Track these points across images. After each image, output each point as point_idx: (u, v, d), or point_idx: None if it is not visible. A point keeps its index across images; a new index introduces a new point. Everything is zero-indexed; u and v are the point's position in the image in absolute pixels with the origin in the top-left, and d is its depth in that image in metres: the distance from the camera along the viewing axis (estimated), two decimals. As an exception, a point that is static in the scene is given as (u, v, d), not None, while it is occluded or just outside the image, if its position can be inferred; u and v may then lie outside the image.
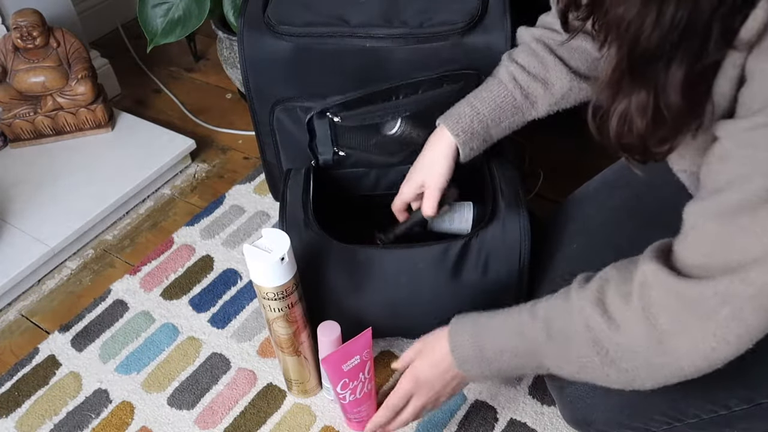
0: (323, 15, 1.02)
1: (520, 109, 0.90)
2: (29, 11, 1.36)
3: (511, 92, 0.88)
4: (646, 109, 0.56)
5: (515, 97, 0.89)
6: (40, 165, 1.40)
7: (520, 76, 0.88)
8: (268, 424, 0.99)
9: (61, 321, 1.16)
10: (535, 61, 0.88)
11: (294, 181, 1.00)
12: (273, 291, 0.83)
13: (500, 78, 0.90)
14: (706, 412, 0.73)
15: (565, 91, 0.88)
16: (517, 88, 0.88)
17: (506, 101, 0.89)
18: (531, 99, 0.89)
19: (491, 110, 0.89)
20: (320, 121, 0.99)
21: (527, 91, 0.88)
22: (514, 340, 0.71)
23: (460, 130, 0.89)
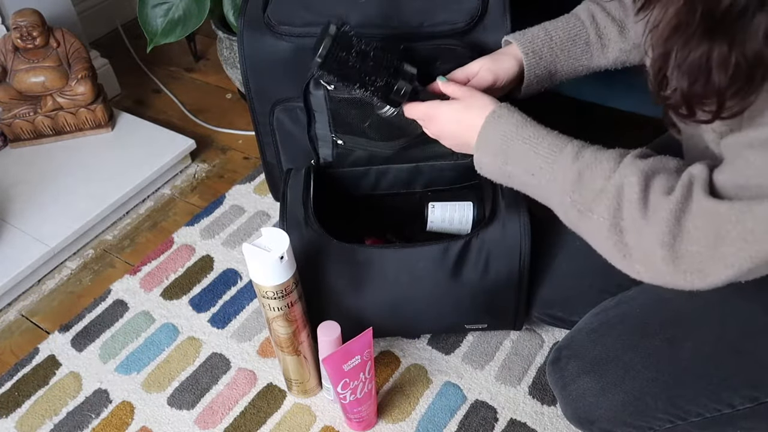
0: (323, 15, 1.02)
1: (590, 49, 0.88)
2: (29, 11, 1.36)
3: (587, 29, 0.87)
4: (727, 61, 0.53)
5: (589, 33, 0.87)
6: (40, 165, 1.40)
7: (599, 15, 0.87)
8: (268, 424, 0.99)
9: (61, 321, 1.16)
10: (618, 4, 0.86)
11: (294, 181, 1.00)
12: (272, 290, 0.83)
13: (578, 14, 0.88)
14: (709, 410, 0.73)
15: (639, 40, 0.85)
16: (593, 25, 0.86)
17: (580, 36, 0.87)
18: (604, 40, 0.87)
19: (563, 41, 0.87)
20: (316, 94, 0.99)
21: (602, 32, 0.86)
22: (542, 160, 0.70)
23: (530, 49, 0.87)
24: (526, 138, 0.72)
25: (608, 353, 0.79)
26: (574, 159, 0.68)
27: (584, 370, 0.79)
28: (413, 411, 0.99)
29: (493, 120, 0.74)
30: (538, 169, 0.70)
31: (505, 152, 0.73)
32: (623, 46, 0.87)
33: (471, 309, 0.98)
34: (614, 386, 0.77)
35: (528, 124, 0.73)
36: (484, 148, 0.75)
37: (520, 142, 0.72)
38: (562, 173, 0.68)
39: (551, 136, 0.72)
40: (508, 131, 0.73)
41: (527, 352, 1.04)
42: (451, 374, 1.03)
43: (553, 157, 0.69)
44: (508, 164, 0.73)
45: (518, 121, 0.73)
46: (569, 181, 0.67)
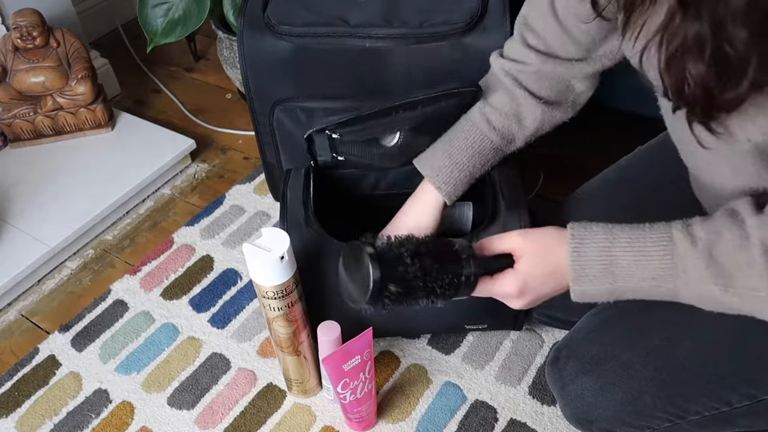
0: (323, 15, 1.02)
1: (499, 149, 0.90)
2: (29, 11, 1.36)
3: (488, 136, 0.88)
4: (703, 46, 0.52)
5: (492, 139, 0.88)
6: (40, 165, 1.40)
7: (493, 117, 0.87)
8: (268, 424, 0.99)
9: (61, 321, 1.16)
10: (506, 97, 0.87)
11: (294, 181, 1.00)
12: (273, 290, 0.83)
13: (474, 122, 0.89)
14: (708, 409, 0.73)
15: (538, 124, 0.88)
16: (492, 130, 0.88)
17: (484, 146, 0.89)
18: (507, 138, 0.89)
19: (470, 158, 0.89)
20: (319, 137, 0.99)
21: (503, 132, 0.88)
22: (659, 261, 0.63)
23: (442, 182, 0.90)
24: (626, 247, 0.64)
25: (607, 353, 0.79)
26: (693, 243, 0.61)
27: (583, 370, 0.79)
28: (413, 411, 0.99)
29: (579, 245, 0.66)
30: (658, 273, 0.63)
31: (611, 272, 0.65)
32: (527, 132, 0.89)
33: (471, 309, 0.98)
34: (613, 386, 0.77)
35: (615, 229, 0.65)
36: (584, 278, 0.66)
37: (622, 254, 0.64)
38: (691, 264, 0.61)
39: (647, 230, 0.64)
40: (603, 248, 0.65)
41: (527, 352, 1.04)
42: (451, 374, 1.03)
43: (668, 251, 0.62)
44: (618, 281, 0.65)
45: (604, 232, 0.65)
46: (704, 269, 0.61)
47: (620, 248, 0.64)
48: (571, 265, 0.65)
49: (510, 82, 0.86)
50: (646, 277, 0.64)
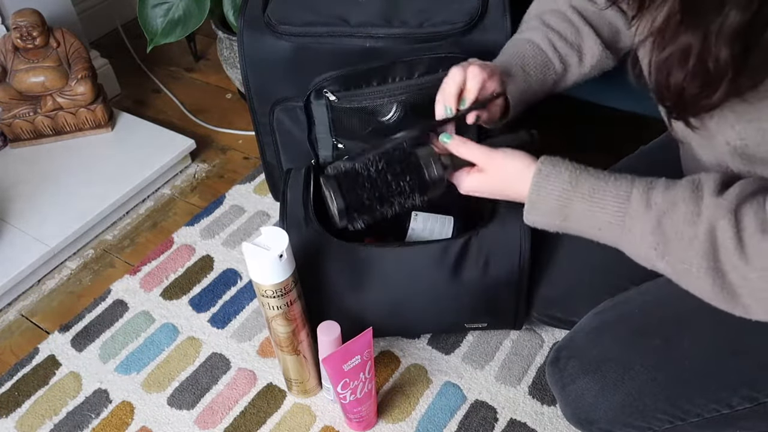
0: (323, 15, 1.02)
1: (557, 79, 0.87)
2: (29, 11, 1.36)
3: (553, 63, 0.86)
4: (688, 57, 0.54)
5: (554, 63, 0.86)
6: (40, 165, 1.40)
7: (559, 44, 0.86)
8: (268, 424, 0.99)
9: (61, 321, 1.16)
10: (571, 28, 0.86)
11: (294, 180, 1.00)
12: (272, 288, 0.83)
13: (538, 44, 0.86)
14: (708, 410, 0.73)
15: (596, 62, 0.86)
16: (556, 55, 0.86)
17: (549, 69, 0.86)
18: (566, 67, 0.87)
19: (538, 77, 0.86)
20: (317, 103, 0.99)
21: (564, 59, 0.86)
22: (610, 215, 0.66)
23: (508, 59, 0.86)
24: (585, 195, 0.67)
25: (607, 353, 0.79)
26: (647, 207, 0.64)
27: (583, 370, 0.79)
28: (413, 411, 0.99)
29: (542, 180, 0.69)
30: (606, 224, 0.67)
31: (564, 213, 0.69)
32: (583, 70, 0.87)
33: (471, 308, 0.98)
34: (613, 386, 0.77)
35: (581, 176, 0.68)
36: (537, 211, 0.71)
37: (579, 200, 0.68)
38: (638, 225, 0.65)
39: (610, 184, 0.67)
40: (563, 190, 0.68)
41: (527, 352, 1.04)
42: (451, 374, 1.03)
43: (622, 209, 0.65)
44: (568, 221, 0.69)
45: (570, 175, 0.69)
46: (649, 233, 0.64)
47: (579, 195, 0.68)
48: (529, 196, 0.70)
49: (576, 16, 0.86)
50: (593, 225, 0.68)
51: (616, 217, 0.66)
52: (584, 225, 0.69)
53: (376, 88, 0.97)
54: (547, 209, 0.70)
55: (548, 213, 0.70)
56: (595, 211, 0.67)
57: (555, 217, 0.70)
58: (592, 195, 0.67)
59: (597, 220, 0.67)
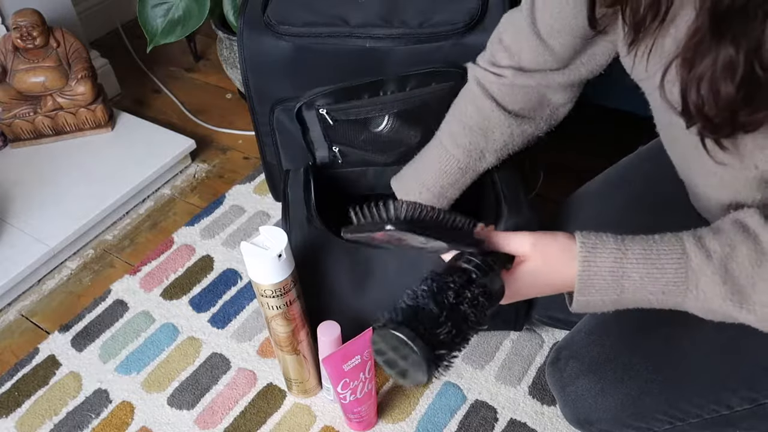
0: (323, 15, 1.02)
1: (467, 169, 0.88)
2: (29, 11, 1.36)
3: (453, 154, 0.87)
4: (735, 68, 0.51)
5: (458, 158, 0.87)
6: (40, 165, 1.40)
7: (460, 134, 0.86)
8: (268, 424, 0.99)
9: (61, 321, 1.16)
10: (474, 109, 0.85)
11: (294, 180, 1.00)
12: (271, 288, 0.83)
13: (441, 139, 0.88)
14: (708, 411, 0.73)
15: (507, 137, 0.86)
16: (456, 148, 0.86)
17: (450, 165, 0.87)
18: (475, 155, 0.87)
19: (437, 178, 0.88)
20: (309, 114, 0.99)
21: (468, 149, 0.86)
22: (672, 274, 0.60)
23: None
24: (639, 259, 0.61)
25: (607, 354, 0.79)
26: (708, 258, 0.59)
27: (583, 370, 0.79)
28: (413, 411, 0.99)
29: (589, 255, 0.61)
30: (671, 285, 0.60)
31: (620, 285, 0.61)
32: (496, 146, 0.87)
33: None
34: (613, 387, 0.77)
35: (627, 239, 0.62)
36: (590, 289, 0.62)
37: (634, 267, 0.61)
38: (705, 279, 0.59)
39: (659, 242, 0.61)
40: (615, 259, 0.61)
41: (527, 352, 1.04)
42: (451, 374, 1.03)
43: (682, 265, 0.60)
44: (626, 293, 0.62)
45: (616, 242, 0.62)
46: (719, 283, 0.58)
47: (633, 261, 0.61)
48: (579, 276, 0.62)
49: (479, 92, 0.85)
50: (655, 291, 0.61)
51: (678, 276, 0.60)
52: (644, 293, 0.62)
53: (367, 101, 0.97)
54: (601, 285, 0.62)
55: (603, 289, 0.62)
56: (654, 275, 0.61)
57: (611, 292, 0.62)
58: (646, 257, 0.61)
59: (657, 284, 0.61)
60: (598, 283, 0.62)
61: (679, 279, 0.60)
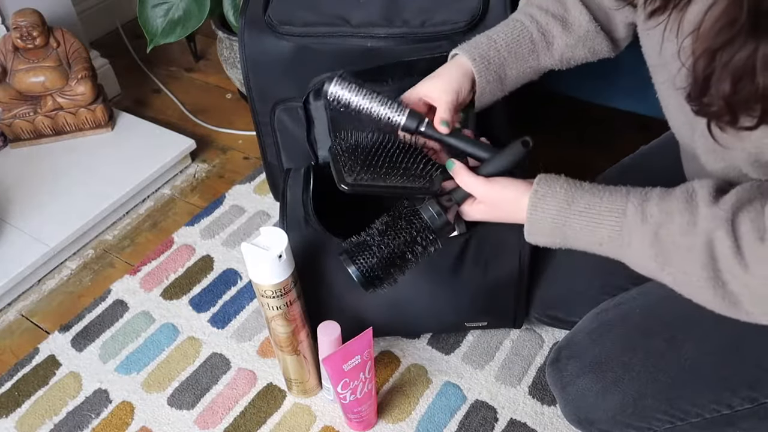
0: (324, 15, 1.02)
1: (535, 47, 0.84)
2: (29, 11, 1.36)
3: (528, 28, 0.83)
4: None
5: (532, 32, 0.83)
6: (40, 165, 1.40)
7: (538, 14, 0.84)
8: (268, 424, 0.99)
9: (61, 321, 1.16)
10: (554, 2, 0.84)
11: (294, 180, 1.00)
12: (271, 288, 0.83)
13: (516, 17, 0.85)
14: (708, 411, 0.73)
15: (583, 34, 0.83)
16: (533, 24, 0.83)
17: (523, 35, 0.83)
18: (548, 38, 0.84)
19: (508, 42, 0.83)
20: (316, 104, 0.99)
21: (545, 29, 0.83)
22: (608, 230, 0.67)
23: (477, 54, 0.82)
24: (581, 211, 0.68)
25: (608, 354, 0.79)
26: (643, 220, 0.65)
27: (584, 370, 0.79)
28: (413, 411, 0.99)
29: (538, 201, 0.70)
30: (606, 239, 0.68)
31: (562, 232, 0.70)
32: (568, 41, 0.84)
33: (471, 307, 0.98)
34: (614, 387, 0.77)
35: (577, 193, 0.69)
36: (536, 233, 0.72)
37: (576, 219, 0.69)
38: (637, 239, 0.65)
39: (605, 199, 0.68)
40: (559, 209, 0.69)
41: (527, 352, 1.04)
42: (451, 374, 1.02)
43: (618, 223, 0.66)
44: (568, 240, 0.71)
45: (566, 193, 0.69)
46: (648, 245, 0.64)
47: (575, 213, 0.68)
48: (527, 218, 0.71)
49: None
50: (593, 241, 0.69)
51: (613, 232, 0.67)
52: (584, 242, 0.70)
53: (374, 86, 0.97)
54: (546, 230, 0.71)
55: (547, 233, 0.71)
56: (592, 228, 0.68)
57: (554, 236, 0.71)
58: (588, 211, 0.68)
59: (595, 236, 0.68)
60: (542, 229, 0.71)
61: (613, 234, 0.67)
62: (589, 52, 0.86)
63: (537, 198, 0.70)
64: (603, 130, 1.37)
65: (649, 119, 0.80)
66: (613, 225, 0.67)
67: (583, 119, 1.41)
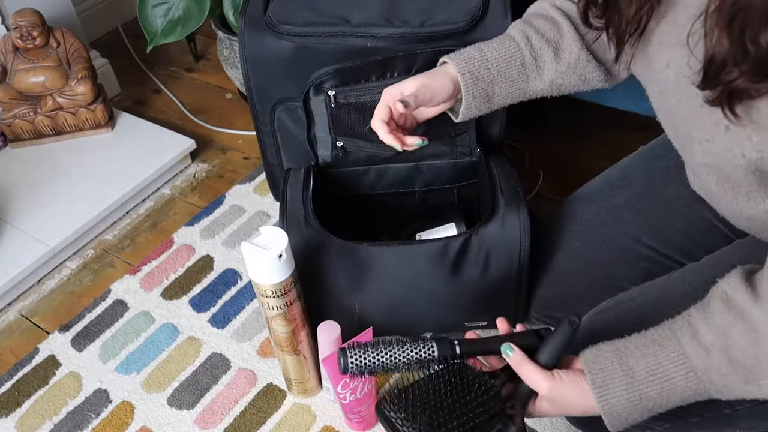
0: (324, 14, 1.02)
1: (526, 71, 0.84)
2: (29, 11, 1.36)
3: (522, 50, 0.84)
4: None
5: (524, 55, 0.84)
6: (40, 165, 1.40)
7: (534, 37, 0.84)
8: (268, 424, 0.99)
9: (61, 321, 1.16)
10: (551, 25, 0.84)
11: (294, 180, 1.00)
12: (271, 288, 0.83)
13: (512, 35, 0.85)
14: (709, 410, 0.73)
15: (573, 61, 0.83)
16: (528, 47, 0.83)
17: (516, 57, 0.83)
18: (539, 62, 0.84)
19: (499, 61, 0.83)
20: (316, 99, 0.99)
21: (537, 53, 0.83)
22: (684, 382, 0.64)
23: (467, 70, 0.82)
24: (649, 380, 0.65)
25: (608, 354, 0.78)
26: (708, 354, 0.62)
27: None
28: (413, 411, 0.98)
29: (603, 392, 0.65)
30: (689, 390, 0.64)
31: (643, 407, 0.66)
32: (558, 68, 0.84)
33: (471, 306, 0.98)
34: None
35: (629, 360, 0.65)
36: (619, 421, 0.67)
37: (647, 390, 0.65)
38: (714, 375, 0.63)
39: (660, 355, 0.65)
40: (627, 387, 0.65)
41: (527, 352, 1.04)
42: (451, 374, 1.02)
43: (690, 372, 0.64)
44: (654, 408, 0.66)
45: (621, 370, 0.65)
46: (728, 373, 0.62)
47: (644, 383, 0.64)
48: (604, 415, 0.66)
49: (559, 15, 0.84)
50: (676, 400, 0.65)
51: (689, 381, 0.64)
52: (669, 404, 0.66)
53: (375, 83, 0.97)
54: (627, 413, 0.66)
55: (631, 415, 0.66)
56: (668, 388, 0.65)
57: (637, 414, 0.66)
58: (655, 376, 0.64)
59: (675, 395, 0.65)
60: (623, 414, 0.66)
61: (691, 383, 0.63)
62: (580, 80, 0.85)
63: (598, 388, 0.65)
64: (602, 130, 1.37)
65: (649, 119, 0.80)
66: (685, 375, 0.64)
67: (582, 119, 1.41)
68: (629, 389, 0.65)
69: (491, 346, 0.72)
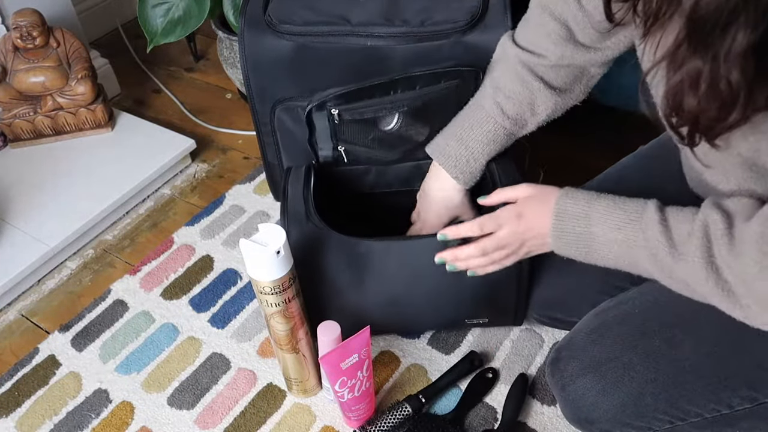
0: (324, 14, 1.02)
1: (512, 134, 0.92)
2: (29, 11, 1.36)
3: (501, 124, 0.91)
4: (699, 82, 0.54)
5: (505, 126, 0.91)
6: (40, 165, 1.40)
7: (507, 106, 0.89)
8: (268, 424, 0.99)
9: (61, 321, 1.16)
10: (521, 87, 0.88)
11: (295, 177, 1.00)
12: (269, 285, 0.83)
13: (487, 111, 0.91)
14: (708, 411, 0.73)
15: (551, 111, 0.91)
16: (505, 118, 0.90)
17: (498, 133, 0.91)
18: (520, 123, 0.91)
19: (485, 146, 0.92)
20: (319, 114, 0.99)
21: (515, 118, 0.90)
22: (629, 216, 0.71)
23: (459, 172, 0.94)
24: (609, 199, 0.74)
25: (607, 354, 0.79)
26: (657, 209, 0.69)
27: (583, 370, 0.79)
28: (413, 411, 0.98)
29: (566, 195, 0.76)
30: (626, 223, 0.71)
31: (588, 215, 0.74)
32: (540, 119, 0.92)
33: (471, 303, 0.98)
34: (614, 387, 0.77)
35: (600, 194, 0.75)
36: (565, 216, 0.76)
37: (603, 203, 0.74)
38: (650, 226, 0.69)
39: (629, 199, 0.73)
40: (588, 198, 0.75)
41: (527, 352, 1.04)
42: (451, 374, 1.02)
43: (638, 212, 0.71)
44: (592, 225, 0.74)
45: (590, 193, 0.76)
46: (658, 232, 0.68)
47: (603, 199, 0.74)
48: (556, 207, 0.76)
49: (525, 72, 0.88)
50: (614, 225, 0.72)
51: (633, 216, 0.71)
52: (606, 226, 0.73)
53: (378, 100, 0.97)
54: (573, 215, 0.75)
55: (575, 218, 0.75)
56: (616, 211, 0.72)
57: (581, 221, 0.75)
58: (614, 200, 0.74)
59: (617, 219, 0.72)
60: (570, 214, 0.75)
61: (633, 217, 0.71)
62: (564, 111, 0.93)
63: (566, 193, 0.76)
64: (603, 130, 1.37)
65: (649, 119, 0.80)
66: (632, 211, 0.71)
67: (582, 119, 1.41)
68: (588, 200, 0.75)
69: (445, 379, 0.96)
